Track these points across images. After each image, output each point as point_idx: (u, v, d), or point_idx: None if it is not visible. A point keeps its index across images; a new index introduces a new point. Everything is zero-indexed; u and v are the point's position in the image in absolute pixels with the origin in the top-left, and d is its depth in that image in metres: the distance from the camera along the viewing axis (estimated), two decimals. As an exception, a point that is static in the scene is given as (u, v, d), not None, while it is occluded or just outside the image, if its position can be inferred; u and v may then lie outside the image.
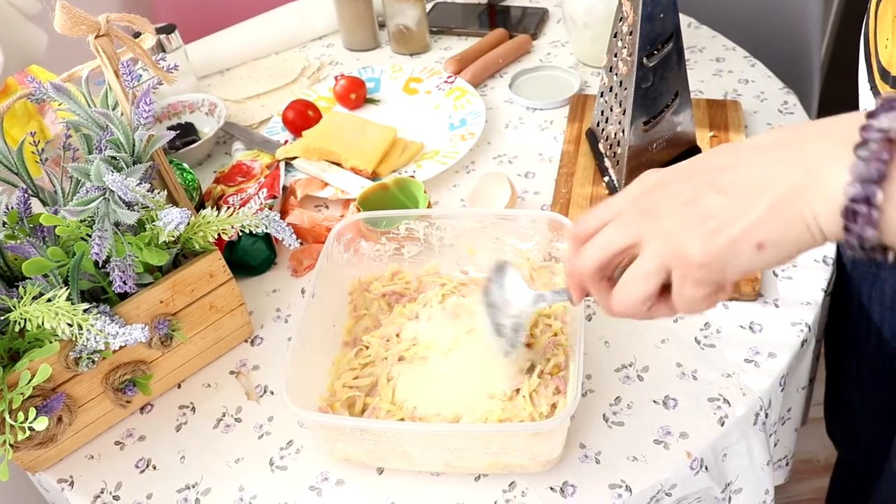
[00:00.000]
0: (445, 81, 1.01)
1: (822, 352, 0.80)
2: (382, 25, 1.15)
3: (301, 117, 0.94)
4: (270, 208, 0.79)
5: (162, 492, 0.61)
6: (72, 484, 0.63)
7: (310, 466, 0.61)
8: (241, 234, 0.72)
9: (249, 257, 0.76)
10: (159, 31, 1.00)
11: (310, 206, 0.85)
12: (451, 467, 0.58)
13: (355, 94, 1.00)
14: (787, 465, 0.77)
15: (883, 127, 0.32)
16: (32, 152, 0.61)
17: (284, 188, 0.85)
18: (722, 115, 0.88)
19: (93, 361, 0.58)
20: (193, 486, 0.61)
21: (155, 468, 0.63)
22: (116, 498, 0.62)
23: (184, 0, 1.24)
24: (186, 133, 0.96)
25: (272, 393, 0.67)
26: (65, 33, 0.54)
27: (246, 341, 0.72)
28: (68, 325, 0.51)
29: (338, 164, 0.88)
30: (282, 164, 0.88)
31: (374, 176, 0.86)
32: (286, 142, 0.93)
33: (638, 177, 0.42)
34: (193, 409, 0.67)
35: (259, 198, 0.66)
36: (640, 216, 0.40)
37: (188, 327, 0.63)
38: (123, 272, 0.53)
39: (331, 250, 0.66)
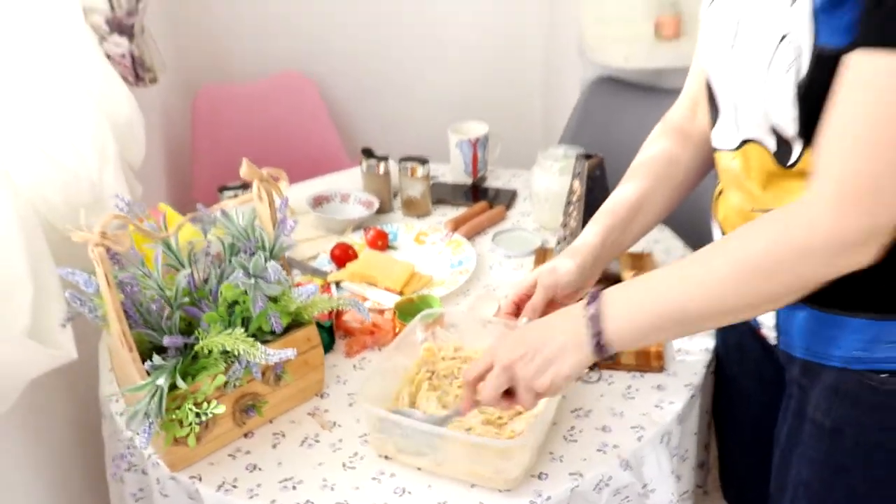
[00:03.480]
0: (446, 235, 1.40)
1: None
2: (396, 195, 1.56)
3: (344, 254, 1.31)
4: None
5: (267, 483, 0.91)
6: (200, 479, 0.91)
7: (371, 467, 0.92)
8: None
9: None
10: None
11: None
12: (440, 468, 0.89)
13: (381, 241, 1.37)
14: (689, 499, 1.08)
15: (590, 313, 0.72)
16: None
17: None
18: (639, 263, 1.27)
19: (234, 386, 0.89)
20: (289, 479, 0.91)
21: (260, 470, 0.92)
22: (235, 486, 0.90)
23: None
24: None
25: (340, 426, 0.98)
26: (245, 178, 0.91)
27: (317, 395, 1.03)
28: (242, 348, 0.83)
29: (374, 285, 1.24)
30: (333, 285, 1.23)
31: (400, 293, 1.22)
32: (331, 271, 1.29)
33: (494, 350, 0.80)
34: (284, 435, 0.97)
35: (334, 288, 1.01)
36: (504, 371, 0.78)
37: (290, 373, 0.95)
38: (277, 321, 0.87)
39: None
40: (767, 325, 0.87)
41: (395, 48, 2.23)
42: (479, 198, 1.56)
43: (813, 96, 0.68)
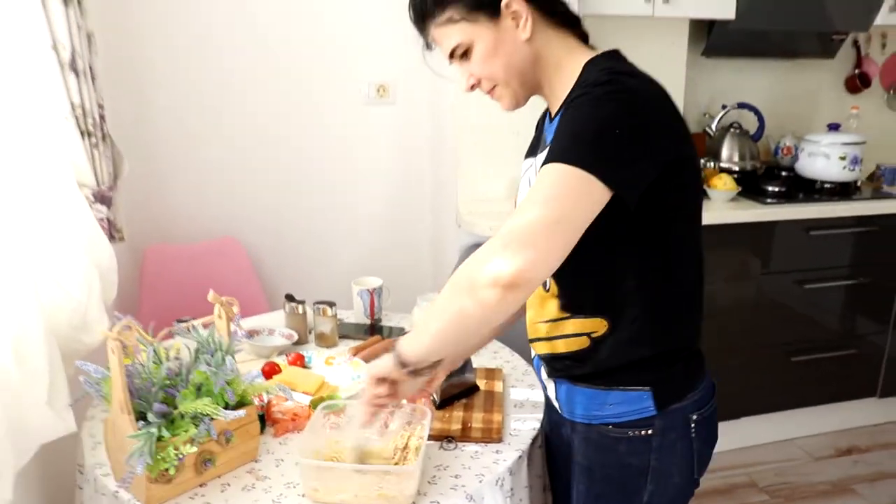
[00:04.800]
0: (349, 358, 1.84)
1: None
2: (311, 330, 2.00)
3: (272, 370, 1.72)
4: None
5: (217, 515, 1.28)
6: (167, 515, 1.28)
7: (294, 501, 1.30)
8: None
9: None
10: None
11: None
12: (359, 499, 1.29)
13: (299, 362, 1.80)
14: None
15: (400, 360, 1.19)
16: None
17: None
18: (492, 374, 1.74)
19: (199, 441, 1.28)
20: (233, 512, 1.28)
21: (212, 507, 1.30)
22: (194, 518, 1.27)
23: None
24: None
25: (269, 478, 1.37)
26: (211, 301, 1.35)
27: (253, 460, 1.41)
28: (213, 411, 1.24)
29: (294, 390, 1.65)
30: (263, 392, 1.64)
31: (314, 395, 1.64)
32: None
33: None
34: (229, 485, 1.34)
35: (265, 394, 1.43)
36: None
37: (236, 437, 1.35)
38: (231, 394, 1.28)
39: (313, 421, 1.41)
40: (551, 396, 1.35)
41: (313, 218, 2.78)
42: (375, 333, 2.02)
43: None
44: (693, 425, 1.27)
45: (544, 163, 1.07)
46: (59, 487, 1.68)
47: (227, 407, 1.29)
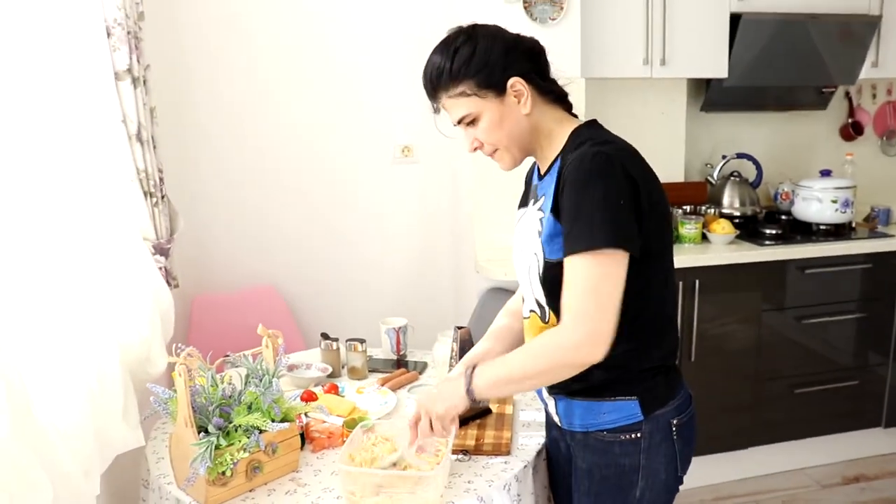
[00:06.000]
0: (377, 388, 2.07)
1: None
2: (344, 365, 2.24)
3: (309, 397, 1.96)
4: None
5: (265, 514, 1.50)
6: (224, 514, 1.50)
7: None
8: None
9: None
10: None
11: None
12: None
13: (333, 391, 2.03)
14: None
15: (466, 379, 1.44)
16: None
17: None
18: (503, 399, 1.95)
19: (250, 451, 1.52)
20: (279, 511, 1.51)
21: (261, 508, 1.52)
22: (246, 516, 1.50)
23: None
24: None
25: (308, 484, 1.59)
26: (260, 333, 1.60)
27: (294, 471, 1.64)
28: (263, 423, 1.47)
29: (329, 413, 1.88)
30: (303, 414, 1.88)
31: (347, 417, 1.87)
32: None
33: (419, 403, 1.50)
34: (274, 490, 1.57)
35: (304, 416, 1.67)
36: (425, 412, 1.47)
37: (280, 448, 1.58)
38: (277, 410, 1.51)
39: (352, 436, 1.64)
40: (552, 412, 1.57)
41: (343, 266, 3.05)
42: (401, 367, 2.25)
43: (548, 283, 1.43)
44: (675, 428, 1.48)
45: (574, 250, 1.33)
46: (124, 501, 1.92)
47: (273, 422, 1.53)
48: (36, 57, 1.65)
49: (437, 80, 1.47)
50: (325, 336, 2.24)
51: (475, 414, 1.85)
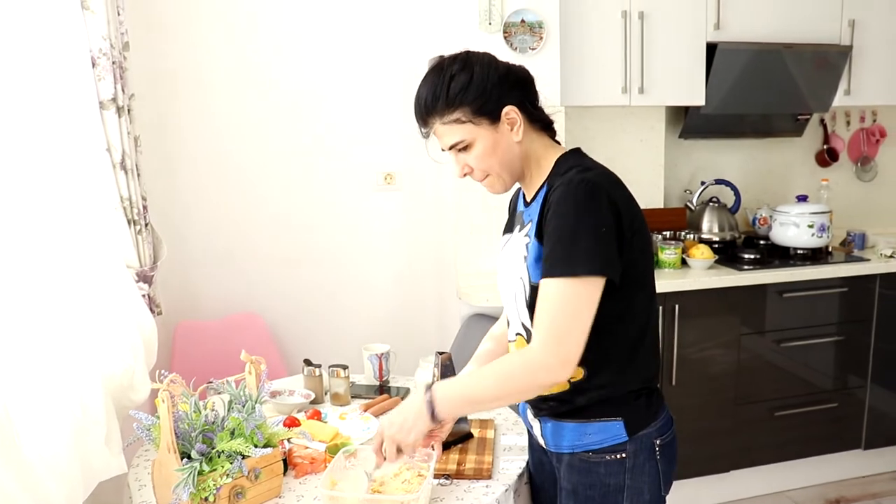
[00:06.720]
0: (360, 413, 2.08)
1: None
2: (326, 391, 2.24)
3: (292, 423, 1.96)
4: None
5: (248, 540, 1.50)
6: (206, 541, 1.50)
7: (311, 529, 1.53)
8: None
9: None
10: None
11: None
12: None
13: (317, 417, 2.04)
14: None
15: (428, 399, 1.45)
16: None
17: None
18: (485, 424, 1.97)
19: (233, 476, 1.52)
20: (261, 538, 1.51)
21: (243, 534, 1.52)
22: (228, 543, 1.49)
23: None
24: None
25: (291, 511, 1.59)
26: (243, 360, 1.61)
27: (277, 496, 1.64)
28: (246, 449, 1.48)
29: (311, 438, 1.89)
30: (285, 441, 1.88)
31: (329, 443, 1.87)
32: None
33: (380, 429, 1.51)
34: (256, 518, 1.57)
35: (286, 442, 1.67)
36: (388, 438, 1.48)
37: (263, 474, 1.58)
38: (260, 436, 1.52)
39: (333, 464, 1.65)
40: (537, 434, 1.58)
41: (326, 292, 3.06)
42: (384, 393, 2.26)
43: (534, 307, 1.45)
44: (658, 448, 1.50)
45: (551, 273, 1.37)
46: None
47: (256, 447, 1.54)
48: (21, 86, 1.67)
49: (432, 106, 1.48)
50: (307, 362, 2.24)
51: (456, 439, 1.86)
